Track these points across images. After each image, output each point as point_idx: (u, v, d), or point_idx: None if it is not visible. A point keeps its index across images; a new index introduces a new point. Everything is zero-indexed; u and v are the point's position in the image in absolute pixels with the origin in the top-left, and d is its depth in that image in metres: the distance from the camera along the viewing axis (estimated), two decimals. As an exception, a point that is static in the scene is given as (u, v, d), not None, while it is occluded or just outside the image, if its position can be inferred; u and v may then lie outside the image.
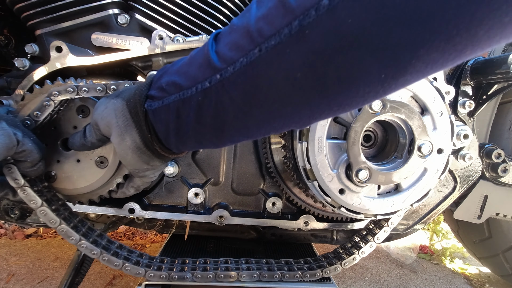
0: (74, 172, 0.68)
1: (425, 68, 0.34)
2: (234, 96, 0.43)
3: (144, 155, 0.56)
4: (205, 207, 0.87)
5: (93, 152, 0.67)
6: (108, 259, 0.71)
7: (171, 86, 0.49)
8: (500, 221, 1.20)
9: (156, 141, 0.54)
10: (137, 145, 0.54)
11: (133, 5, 0.77)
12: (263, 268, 0.79)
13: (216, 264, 0.80)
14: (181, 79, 0.48)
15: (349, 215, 0.74)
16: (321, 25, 0.33)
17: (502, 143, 1.09)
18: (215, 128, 0.47)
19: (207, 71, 0.44)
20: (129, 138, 0.54)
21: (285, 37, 0.36)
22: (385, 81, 0.35)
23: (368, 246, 0.85)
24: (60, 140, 0.67)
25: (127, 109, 0.53)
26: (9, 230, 1.53)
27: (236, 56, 0.40)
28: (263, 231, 1.04)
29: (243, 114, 0.44)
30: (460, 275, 1.54)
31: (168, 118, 0.50)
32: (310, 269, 0.82)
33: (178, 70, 0.50)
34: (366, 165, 0.68)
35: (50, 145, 0.66)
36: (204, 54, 0.45)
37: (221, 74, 0.42)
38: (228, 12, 0.82)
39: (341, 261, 0.84)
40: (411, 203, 0.75)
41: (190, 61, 0.48)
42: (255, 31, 0.38)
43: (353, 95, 0.38)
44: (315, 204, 0.87)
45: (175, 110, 0.48)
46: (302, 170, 0.72)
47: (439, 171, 0.73)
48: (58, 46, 0.70)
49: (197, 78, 0.45)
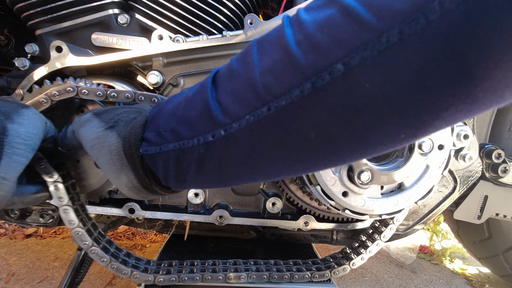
0: (74, 173, 0.68)
1: (446, 125, 0.33)
2: (240, 153, 0.41)
3: (141, 193, 0.53)
4: (205, 207, 0.87)
5: None
6: (116, 267, 0.71)
7: (170, 134, 0.46)
8: (500, 221, 1.20)
9: (154, 183, 0.52)
10: (134, 185, 0.51)
11: (133, 5, 0.77)
12: (261, 270, 0.79)
13: (225, 265, 0.80)
14: (180, 128, 0.45)
15: (354, 216, 0.74)
16: (337, 88, 0.32)
17: (502, 143, 1.09)
18: (218, 177, 0.46)
19: (209, 124, 0.41)
20: (125, 177, 0.51)
21: (296, 98, 0.34)
22: (404, 140, 0.34)
23: (375, 245, 0.85)
24: None
25: (122, 150, 0.49)
26: (9, 230, 1.53)
27: (241, 112, 0.38)
28: (263, 231, 1.04)
29: (249, 168, 0.42)
30: (460, 275, 1.54)
31: (167, 165, 0.47)
32: (318, 270, 0.81)
33: (174, 113, 0.47)
34: (367, 167, 0.68)
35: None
36: (203, 100, 0.42)
37: (225, 130, 0.40)
38: (228, 12, 0.82)
39: (349, 261, 0.84)
40: (415, 200, 0.75)
41: (188, 105, 0.45)
42: (261, 87, 0.36)
43: (369, 152, 0.37)
44: (320, 206, 0.87)
45: (175, 158, 0.46)
46: (305, 176, 0.72)
47: (441, 167, 0.73)
48: (58, 46, 0.70)
49: (198, 129, 0.43)
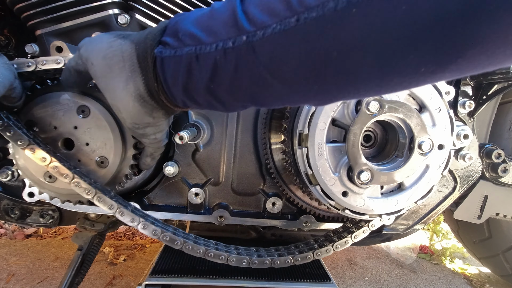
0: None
1: (466, 69, 0.32)
2: (258, 63, 0.40)
3: (147, 104, 0.51)
4: (205, 207, 0.87)
5: (94, 152, 0.67)
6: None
7: (188, 37, 0.45)
8: (500, 221, 1.20)
9: (162, 91, 0.50)
10: (140, 93, 0.50)
11: (133, 5, 0.77)
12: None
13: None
14: (200, 32, 0.44)
15: (354, 216, 0.74)
16: (371, 6, 0.31)
17: (502, 143, 1.09)
18: (229, 91, 0.45)
19: (232, 30, 0.40)
20: (132, 85, 0.49)
21: (328, 11, 0.33)
22: (422, 74, 0.34)
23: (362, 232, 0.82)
24: (60, 140, 0.67)
25: (135, 53, 0.48)
26: (9, 230, 1.53)
27: (268, 21, 0.37)
28: (263, 231, 1.04)
29: (263, 83, 0.41)
30: (460, 275, 1.54)
31: (178, 70, 0.46)
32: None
33: (197, 21, 0.45)
34: (367, 167, 0.68)
35: (51, 145, 0.66)
36: (231, 10, 0.41)
37: (247, 37, 0.39)
38: (228, 12, 0.82)
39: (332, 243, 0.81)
40: (415, 200, 0.75)
41: (212, 14, 0.44)
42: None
43: (385, 83, 0.36)
44: (320, 206, 0.87)
45: (187, 64, 0.45)
46: (304, 175, 0.72)
47: (441, 167, 0.73)
48: (58, 46, 0.70)
49: (219, 35, 0.41)
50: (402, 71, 0.34)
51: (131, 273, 1.28)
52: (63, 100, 0.65)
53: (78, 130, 0.66)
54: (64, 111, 0.66)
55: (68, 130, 0.66)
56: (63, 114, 0.66)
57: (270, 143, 0.84)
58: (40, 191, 0.72)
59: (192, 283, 0.78)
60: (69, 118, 0.66)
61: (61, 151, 0.67)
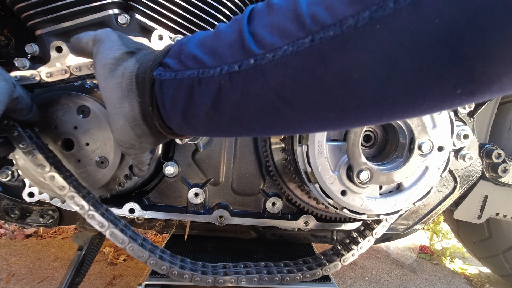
0: (75, 172, 0.68)
1: (507, 88, 0.27)
2: (267, 89, 0.36)
3: (137, 128, 0.48)
4: (205, 207, 0.87)
5: (94, 152, 0.67)
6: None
7: (190, 60, 0.42)
8: (500, 221, 1.20)
9: (157, 115, 0.47)
10: (133, 115, 0.47)
11: (133, 5, 0.77)
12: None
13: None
14: (203, 55, 0.41)
15: (352, 216, 0.74)
16: (399, 21, 0.27)
17: (502, 143, 1.09)
18: (233, 118, 0.42)
19: (238, 53, 0.38)
20: (127, 104, 0.47)
21: (347, 29, 0.29)
22: (458, 97, 0.29)
23: (367, 241, 0.83)
24: (60, 140, 0.67)
25: (135, 73, 0.47)
26: (9, 230, 1.53)
27: (279, 43, 0.34)
28: (263, 231, 1.04)
29: (273, 110, 0.38)
30: (460, 275, 1.54)
31: (178, 94, 0.43)
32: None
33: (201, 43, 0.43)
34: (367, 166, 0.68)
35: (50, 145, 0.66)
36: (237, 32, 0.39)
37: (255, 60, 0.36)
38: (228, 12, 0.82)
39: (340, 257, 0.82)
40: (414, 201, 0.75)
41: (217, 36, 0.42)
42: (308, 16, 0.32)
43: (414, 107, 0.31)
44: (318, 205, 0.87)
45: (188, 87, 0.42)
46: (303, 173, 0.72)
47: (441, 169, 0.73)
48: (58, 46, 0.70)
49: (224, 58, 0.39)
50: (434, 93, 0.29)
51: (131, 273, 1.27)
52: (63, 100, 0.65)
53: (78, 130, 0.67)
54: (64, 111, 0.66)
55: (68, 130, 0.66)
56: (63, 114, 0.66)
57: (270, 143, 0.84)
58: (40, 191, 0.72)
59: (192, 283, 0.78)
60: (69, 118, 0.66)
61: (60, 152, 0.67)
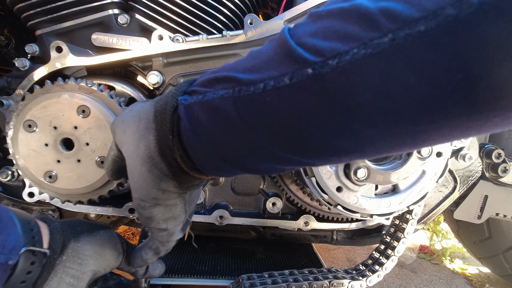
0: (75, 172, 0.68)
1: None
2: (330, 101, 0.30)
3: (155, 169, 0.41)
4: (205, 207, 0.87)
5: (94, 152, 0.67)
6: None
7: (222, 80, 0.36)
8: (500, 221, 1.20)
9: (178, 145, 0.40)
10: (149, 154, 0.41)
11: (133, 5, 0.77)
12: None
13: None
14: (238, 73, 0.35)
15: (346, 213, 0.74)
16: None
17: (502, 143, 1.09)
18: (284, 142, 0.34)
19: (286, 65, 0.32)
20: (143, 145, 0.41)
21: (445, 20, 0.24)
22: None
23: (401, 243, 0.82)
24: (60, 139, 0.67)
25: (153, 109, 0.41)
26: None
27: (341, 47, 0.28)
28: (263, 231, 1.04)
29: (339, 127, 0.31)
30: (460, 275, 1.54)
31: (206, 117, 0.36)
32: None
33: (231, 66, 0.37)
34: (364, 164, 0.68)
35: (50, 145, 0.66)
36: (278, 46, 0.33)
37: (314, 69, 0.29)
38: (228, 12, 0.82)
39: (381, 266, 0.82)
40: (408, 204, 0.75)
41: (252, 57, 0.36)
42: (380, 13, 0.27)
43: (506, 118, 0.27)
44: (312, 202, 0.87)
45: (218, 108, 0.35)
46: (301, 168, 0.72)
47: (437, 175, 0.74)
48: (58, 46, 0.70)
49: (267, 73, 0.33)
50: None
51: (131, 273, 1.27)
52: (63, 100, 0.65)
53: (78, 130, 0.66)
54: (64, 111, 0.66)
55: (68, 130, 0.66)
56: (63, 114, 0.66)
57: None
58: (40, 191, 0.72)
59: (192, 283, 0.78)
60: (69, 118, 0.66)
61: (60, 151, 0.67)
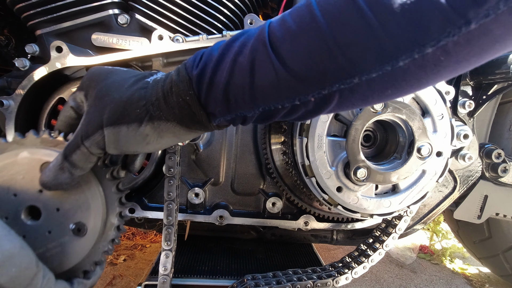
0: (46, 249, 0.50)
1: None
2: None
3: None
4: (205, 207, 0.87)
5: (67, 218, 0.51)
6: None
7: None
8: (500, 221, 1.20)
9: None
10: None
11: (133, 5, 0.77)
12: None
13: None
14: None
15: (346, 213, 0.74)
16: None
17: (502, 143, 1.09)
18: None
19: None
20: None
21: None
22: None
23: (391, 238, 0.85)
24: (23, 209, 0.50)
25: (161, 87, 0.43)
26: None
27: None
28: (263, 231, 1.04)
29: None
30: (460, 275, 1.54)
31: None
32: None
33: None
34: (365, 164, 0.68)
35: (11, 217, 0.50)
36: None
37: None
38: (228, 12, 0.82)
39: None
40: (408, 204, 0.75)
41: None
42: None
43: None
44: (320, 206, 0.87)
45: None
46: (301, 166, 0.72)
47: (437, 174, 0.74)
48: (58, 46, 0.70)
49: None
50: None
51: (131, 273, 1.28)
52: (22, 160, 0.50)
53: (44, 194, 0.50)
54: (24, 173, 0.50)
55: (32, 196, 0.50)
56: (23, 177, 0.50)
57: (270, 143, 0.84)
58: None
59: (192, 283, 0.78)
60: (31, 181, 0.50)
61: (26, 223, 0.50)
